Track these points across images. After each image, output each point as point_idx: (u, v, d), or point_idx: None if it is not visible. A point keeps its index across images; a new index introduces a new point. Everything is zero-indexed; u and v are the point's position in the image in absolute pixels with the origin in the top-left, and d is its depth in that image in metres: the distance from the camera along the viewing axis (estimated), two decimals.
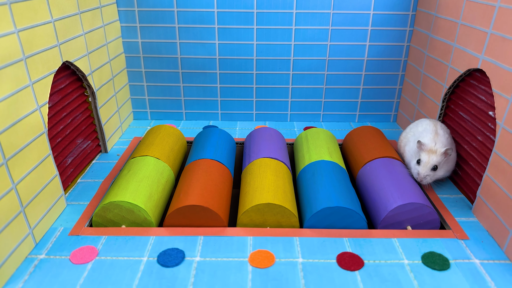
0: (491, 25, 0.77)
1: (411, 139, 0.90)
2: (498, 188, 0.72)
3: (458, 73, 0.89)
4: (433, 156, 0.80)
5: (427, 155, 0.81)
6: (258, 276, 0.62)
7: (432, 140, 0.83)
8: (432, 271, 0.64)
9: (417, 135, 0.88)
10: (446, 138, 0.85)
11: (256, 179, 0.82)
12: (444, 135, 0.85)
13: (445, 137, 0.85)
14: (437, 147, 0.81)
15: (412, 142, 0.89)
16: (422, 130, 0.88)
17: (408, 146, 0.90)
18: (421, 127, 0.90)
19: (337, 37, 1.15)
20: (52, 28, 0.77)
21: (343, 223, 0.74)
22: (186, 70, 1.19)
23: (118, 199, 0.73)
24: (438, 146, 0.81)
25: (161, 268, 0.64)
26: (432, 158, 0.80)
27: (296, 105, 1.25)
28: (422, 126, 0.90)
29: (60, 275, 0.62)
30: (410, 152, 0.87)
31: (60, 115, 0.84)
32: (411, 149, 0.87)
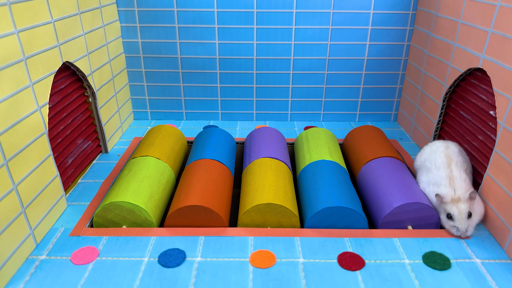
0: (492, 24, 0.77)
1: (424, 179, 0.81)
2: (499, 187, 0.72)
3: (458, 72, 0.89)
4: (460, 205, 0.71)
5: (455, 206, 0.71)
6: (259, 276, 0.62)
7: (449, 188, 0.73)
8: (433, 270, 0.64)
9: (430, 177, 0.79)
10: (463, 181, 0.75)
11: (257, 179, 0.82)
12: (460, 177, 0.75)
13: (462, 180, 0.75)
14: (458, 193, 0.72)
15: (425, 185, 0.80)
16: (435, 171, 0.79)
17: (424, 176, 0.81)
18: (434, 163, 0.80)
19: (337, 36, 1.15)
20: (52, 28, 0.77)
21: (344, 223, 0.74)
22: (186, 70, 1.19)
23: (118, 200, 0.73)
24: (458, 192, 0.72)
25: (162, 269, 0.64)
26: (461, 206, 0.71)
27: (297, 105, 1.25)
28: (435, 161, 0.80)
29: (61, 276, 0.62)
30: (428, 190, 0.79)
31: (61, 116, 0.84)
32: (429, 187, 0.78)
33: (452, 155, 0.80)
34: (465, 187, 0.73)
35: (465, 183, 0.75)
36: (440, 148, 0.83)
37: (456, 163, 0.78)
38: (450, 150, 0.82)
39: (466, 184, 0.74)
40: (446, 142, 0.85)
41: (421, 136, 1.08)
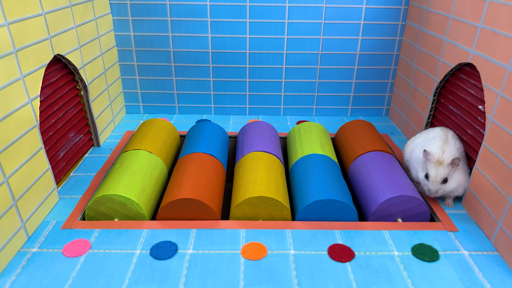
0: (482, 20, 0.78)
1: (419, 145, 0.85)
2: (487, 181, 0.73)
3: (449, 67, 0.90)
4: (440, 169, 0.75)
5: (435, 168, 0.75)
6: (250, 268, 0.63)
7: (439, 149, 0.77)
8: (422, 262, 0.65)
9: (425, 142, 0.84)
10: (456, 148, 0.79)
11: (249, 173, 0.83)
12: (454, 144, 0.80)
13: (455, 147, 0.79)
14: (445, 156, 0.75)
15: (419, 149, 0.84)
16: (431, 138, 0.84)
17: (414, 153, 0.85)
18: (431, 134, 0.86)
19: (330, 31, 1.15)
20: (43, 20, 0.76)
21: (334, 215, 0.75)
22: (179, 64, 1.19)
23: (110, 193, 0.73)
24: (445, 155, 0.75)
25: (154, 261, 0.64)
26: (440, 171, 0.75)
27: (289, 99, 1.25)
28: (432, 133, 0.86)
29: (53, 268, 0.62)
30: (417, 160, 0.82)
31: (52, 109, 0.84)
32: (418, 157, 0.82)
33: (448, 132, 0.85)
34: (454, 153, 0.76)
35: (457, 151, 0.78)
36: (436, 129, 0.88)
37: (452, 135, 0.83)
38: (445, 129, 0.87)
39: (456, 151, 0.78)
40: (445, 128, 0.88)
41: (412, 130, 1.09)
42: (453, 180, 0.76)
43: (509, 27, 0.69)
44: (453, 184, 0.76)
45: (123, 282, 0.60)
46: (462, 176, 0.77)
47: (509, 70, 0.68)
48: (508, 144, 0.68)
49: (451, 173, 0.76)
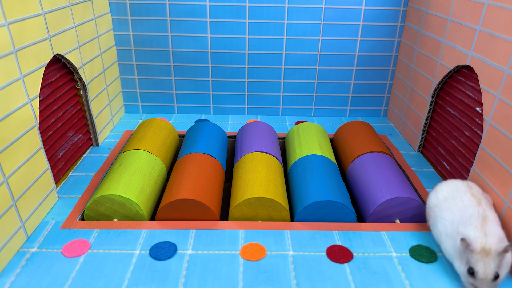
0: (480, 22, 0.78)
1: (448, 216, 0.64)
2: (485, 183, 0.74)
3: (447, 69, 0.91)
4: (489, 261, 0.55)
5: (482, 262, 0.55)
6: (249, 269, 0.63)
7: (480, 232, 0.57)
8: (419, 263, 0.66)
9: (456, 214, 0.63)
10: (497, 225, 0.60)
11: (248, 173, 0.83)
12: (494, 218, 0.60)
13: (496, 223, 0.60)
14: (490, 243, 0.56)
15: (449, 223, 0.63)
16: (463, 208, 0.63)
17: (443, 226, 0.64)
18: (461, 200, 0.65)
19: (329, 32, 1.16)
20: (42, 20, 0.76)
21: (333, 216, 0.75)
22: (178, 64, 1.19)
23: (110, 193, 0.73)
24: (490, 241, 0.56)
25: (153, 261, 0.64)
26: (490, 264, 0.55)
27: (288, 100, 1.25)
28: (462, 199, 0.65)
29: (52, 268, 0.62)
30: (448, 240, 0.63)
31: (51, 108, 0.84)
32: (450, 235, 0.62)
33: (479, 194, 0.67)
34: (499, 236, 0.57)
35: (499, 229, 0.59)
36: (462, 187, 0.69)
37: (485, 202, 0.64)
38: (474, 190, 0.68)
39: (500, 231, 0.58)
40: (465, 181, 0.71)
41: (410, 131, 1.09)
42: (503, 270, 0.57)
43: (507, 30, 0.70)
44: (503, 273, 0.57)
45: (122, 282, 0.60)
46: (508, 255, 0.58)
47: (507, 73, 0.69)
48: (505, 146, 0.68)
49: (501, 262, 0.56)
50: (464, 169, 0.84)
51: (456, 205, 0.65)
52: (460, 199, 0.66)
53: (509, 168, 0.67)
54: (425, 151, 1.02)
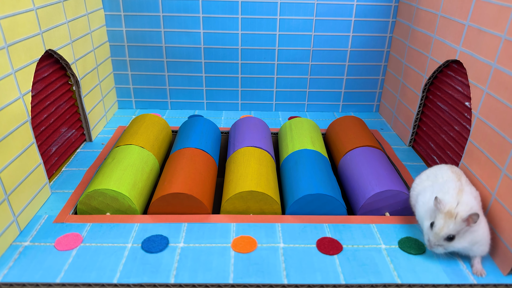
0: (469, 17, 0.79)
1: (428, 189, 0.70)
2: (473, 176, 0.75)
3: (437, 64, 0.92)
4: (450, 222, 0.61)
5: (443, 219, 0.61)
6: (240, 261, 0.64)
7: (454, 199, 0.63)
8: (408, 255, 0.67)
9: (436, 186, 0.69)
10: (473, 197, 0.65)
11: (240, 168, 0.84)
12: (471, 193, 0.65)
13: (472, 196, 0.65)
14: (459, 209, 0.61)
15: (429, 193, 0.69)
16: (442, 182, 0.69)
17: (422, 197, 0.69)
18: (441, 176, 0.71)
19: (321, 27, 1.16)
20: (34, 16, 0.76)
21: (323, 209, 0.76)
22: (171, 59, 1.19)
23: (102, 187, 0.74)
24: (460, 208, 0.61)
25: (145, 254, 0.65)
26: (449, 225, 0.61)
27: (281, 95, 1.26)
28: (441, 175, 0.71)
29: (45, 262, 0.63)
30: (425, 206, 0.67)
31: (44, 104, 0.84)
32: (427, 202, 0.67)
33: (461, 176, 0.71)
34: (471, 207, 0.62)
35: (473, 201, 0.63)
36: (444, 167, 0.74)
37: (466, 180, 0.70)
38: (455, 169, 0.73)
39: (473, 203, 0.63)
40: (449, 165, 0.76)
41: (401, 126, 1.10)
42: (464, 239, 0.61)
43: (495, 24, 0.71)
44: (463, 243, 0.62)
45: (114, 275, 0.61)
46: (479, 234, 0.62)
47: (494, 67, 0.70)
48: (492, 139, 0.69)
49: (463, 231, 0.61)
50: (454, 162, 0.85)
51: (437, 180, 0.71)
52: (441, 176, 0.71)
53: (496, 161, 0.68)
54: (416, 145, 1.04)
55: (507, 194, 0.64)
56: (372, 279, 0.61)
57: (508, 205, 0.64)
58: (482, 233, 0.62)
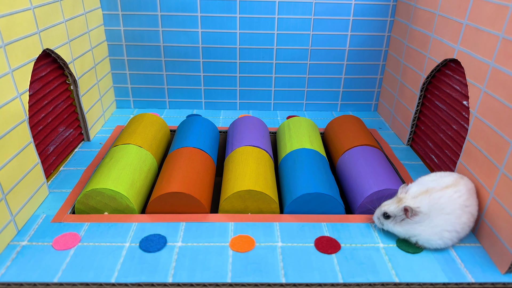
0: (466, 16, 0.79)
1: (421, 181, 0.72)
2: (471, 174, 0.75)
3: (435, 63, 0.92)
4: (394, 205, 0.66)
5: (391, 202, 0.68)
6: (238, 260, 0.64)
7: (415, 193, 0.66)
8: (406, 254, 0.67)
9: (424, 182, 0.71)
10: (433, 203, 0.65)
11: (238, 167, 0.84)
12: (436, 199, 0.65)
13: (433, 201, 0.65)
14: (407, 201, 0.66)
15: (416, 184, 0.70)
16: (436, 182, 0.70)
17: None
18: (442, 180, 0.71)
19: (319, 26, 1.16)
20: (31, 15, 0.76)
21: (322, 208, 0.76)
22: (169, 59, 1.19)
23: (100, 186, 0.74)
24: (409, 201, 0.65)
25: (143, 253, 0.65)
26: (391, 205, 0.67)
27: (280, 94, 1.26)
28: (444, 179, 0.71)
29: (43, 261, 0.63)
30: None
31: (42, 103, 0.84)
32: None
33: (459, 184, 0.69)
34: (419, 206, 0.65)
35: (430, 203, 0.65)
36: (455, 175, 0.73)
37: (445, 186, 0.69)
38: (462, 180, 0.71)
39: (425, 206, 0.65)
40: (462, 176, 0.73)
41: (399, 125, 1.10)
42: (400, 226, 0.67)
43: (492, 23, 0.71)
44: (398, 229, 0.67)
45: (112, 274, 0.61)
46: (419, 231, 0.65)
47: (492, 66, 0.70)
48: (490, 138, 0.69)
49: (401, 219, 0.66)
50: (451, 161, 0.85)
51: (437, 180, 0.72)
52: (444, 179, 0.72)
53: (494, 159, 0.68)
54: (414, 144, 1.04)
55: (505, 192, 0.64)
56: (370, 278, 0.61)
57: (505, 204, 0.64)
58: (425, 234, 0.65)
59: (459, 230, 0.66)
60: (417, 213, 0.65)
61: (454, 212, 0.65)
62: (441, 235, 0.65)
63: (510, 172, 0.63)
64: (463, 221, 0.66)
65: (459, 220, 0.66)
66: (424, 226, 0.65)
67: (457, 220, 0.65)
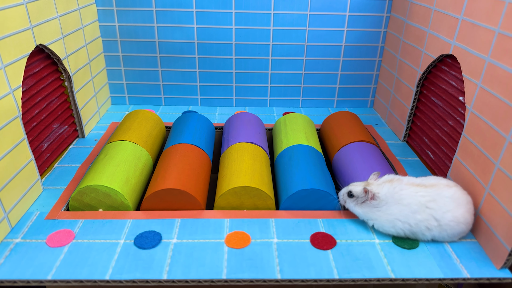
0: (462, 11, 0.79)
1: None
2: (467, 170, 0.75)
3: (431, 59, 0.91)
4: (359, 186, 0.71)
5: (360, 183, 0.72)
6: (234, 256, 0.64)
7: (382, 180, 0.71)
8: (402, 249, 0.67)
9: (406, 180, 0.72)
10: (393, 193, 0.68)
11: (234, 163, 0.83)
12: (397, 189, 0.68)
13: (393, 191, 0.68)
14: (371, 185, 0.70)
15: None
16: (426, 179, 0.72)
17: None
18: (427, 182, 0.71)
19: (316, 22, 1.16)
20: (24, 10, 0.75)
21: (317, 204, 0.76)
22: (164, 55, 1.18)
23: (94, 183, 0.73)
24: (373, 186, 0.70)
25: (138, 250, 0.65)
26: (357, 186, 0.71)
27: (276, 91, 1.25)
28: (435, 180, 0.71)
29: (36, 258, 0.62)
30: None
31: (35, 99, 0.83)
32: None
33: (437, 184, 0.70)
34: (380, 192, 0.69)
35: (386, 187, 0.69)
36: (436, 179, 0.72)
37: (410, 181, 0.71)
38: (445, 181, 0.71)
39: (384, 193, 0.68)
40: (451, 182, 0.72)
41: (395, 121, 1.10)
42: (360, 208, 0.71)
43: (488, 18, 0.71)
44: (357, 210, 0.71)
45: (106, 271, 0.60)
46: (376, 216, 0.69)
47: (488, 61, 0.70)
48: (486, 134, 0.69)
49: (363, 200, 0.70)
50: (447, 157, 0.85)
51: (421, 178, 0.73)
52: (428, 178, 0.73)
53: (490, 155, 0.68)
54: (410, 140, 1.03)
55: (501, 188, 0.64)
56: (366, 274, 0.61)
57: (501, 199, 0.64)
58: (380, 219, 0.69)
59: (412, 225, 0.67)
60: (376, 197, 0.69)
61: (410, 206, 0.67)
62: (394, 224, 0.68)
63: (506, 168, 0.63)
64: (419, 218, 0.66)
65: (413, 215, 0.67)
66: (381, 212, 0.69)
67: (412, 214, 0.67)
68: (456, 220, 0.66)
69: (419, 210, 0.67)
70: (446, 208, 0.67)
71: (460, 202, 0.68)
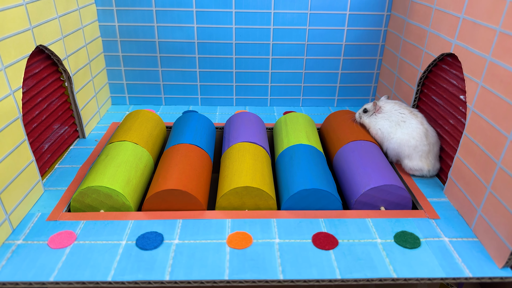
0: (463, 10, 0.79)
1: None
2: (468, 169, 0.75)
3: (432, 58, 0.91)
4: (369, 104, 0.97)
5: (371, 103, 0.96)
6: (236, 257, 0.64)
7: (390, 101, 0.95)
8: (404, 249, 0.67)
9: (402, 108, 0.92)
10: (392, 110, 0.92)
11: (235, 163, 0.83)
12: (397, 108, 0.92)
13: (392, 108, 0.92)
14: (379, 100, 0.96)
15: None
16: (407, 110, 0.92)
17: None
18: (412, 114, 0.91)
19: (316, 21, 1.16)
20: (24, 11, 0.75)
21: (319, 204, 0.76)
22: (165, 54, 1.18)
23: (95, 184, 0.73)
24: (382, 101, 0.96)
25: (140, 251, 0.64)
26: (368, 104, 0.97)
27: (276, 90, 1.25)
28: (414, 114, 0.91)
29: (38, 260, 0.62)
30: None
31: (36, 100, 0.83)
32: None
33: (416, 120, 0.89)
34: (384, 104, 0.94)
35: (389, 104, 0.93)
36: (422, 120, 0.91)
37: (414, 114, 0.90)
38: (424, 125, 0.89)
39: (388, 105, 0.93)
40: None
41: None
42: (369, 119, 0.95)
43: (489, 17, 0.70)
44: (367, 121, 0.96)
45: (108, 272, 0.60)
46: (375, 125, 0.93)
47: (489, 60, 0.70)
48: (487, 133, 0.69)
49: (372, 114, 0.95)
50: (449, 156, 0.85)
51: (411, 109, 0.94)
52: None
53: (491, 154, 0.68)
54: None
55: (502, 187, 0.64)
56: (368, 274, 0.61)
57: (503, 198, 0.64)
58: (375, 128, 0.93)
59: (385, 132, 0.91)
60: (380, 110, 0.93)
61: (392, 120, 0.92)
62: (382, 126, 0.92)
63: (508, 167, 0.63)
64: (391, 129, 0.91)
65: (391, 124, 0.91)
66: (384, 120, 0.92)
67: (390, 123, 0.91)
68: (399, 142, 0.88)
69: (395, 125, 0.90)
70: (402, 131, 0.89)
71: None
